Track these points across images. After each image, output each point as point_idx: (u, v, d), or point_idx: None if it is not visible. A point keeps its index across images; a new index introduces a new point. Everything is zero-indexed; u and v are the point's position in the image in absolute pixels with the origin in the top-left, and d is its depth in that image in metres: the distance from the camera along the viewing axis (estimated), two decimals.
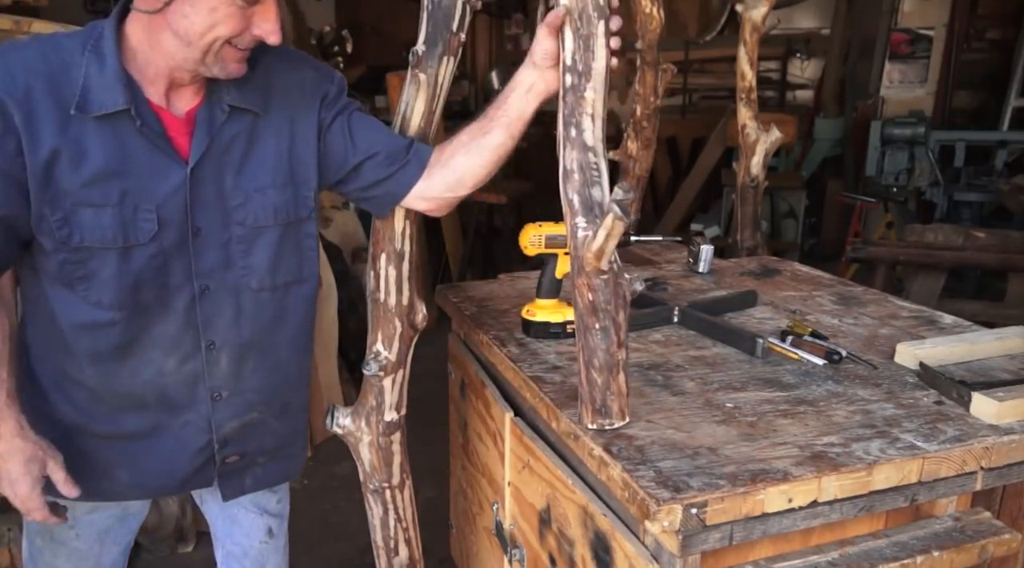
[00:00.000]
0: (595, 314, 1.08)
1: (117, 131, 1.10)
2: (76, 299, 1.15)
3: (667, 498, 0.93)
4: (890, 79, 5.78)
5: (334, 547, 2.47)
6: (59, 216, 1.09)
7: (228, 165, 1.19)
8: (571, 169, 1.12)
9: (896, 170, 5.30)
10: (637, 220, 2.82)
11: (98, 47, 1.09)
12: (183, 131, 1.16)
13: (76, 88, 1.07)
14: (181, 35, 1.06)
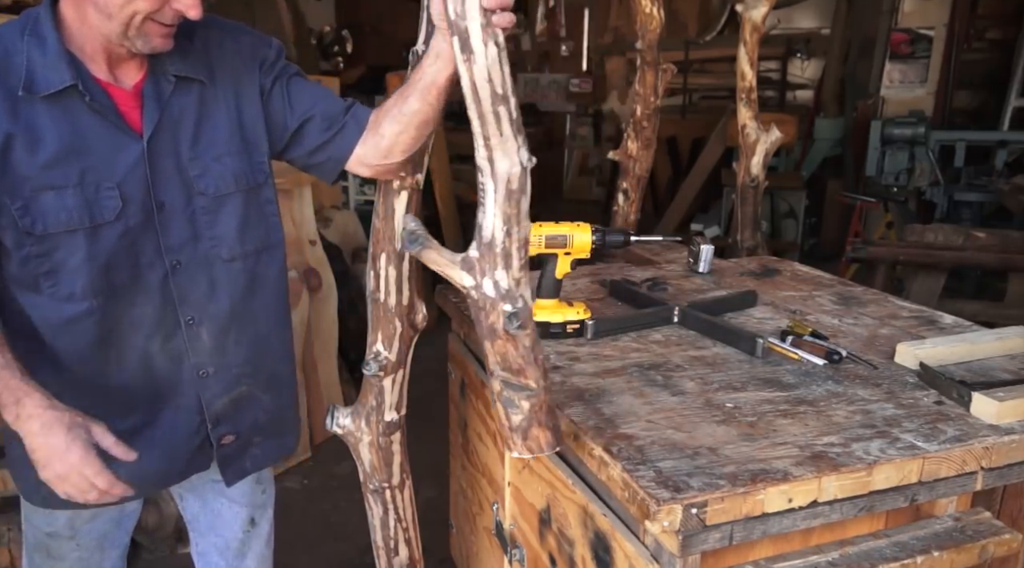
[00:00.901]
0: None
1: (68, 110, 1.10)
2: (44, 300, 1.14)
3: (667, 498, 0.93)
4: (890, 79, 5.78)
5: (334, 547, 2.47)
6: (19, 204, 1.08)
7: (182, 136, 1.19)
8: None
9: (896, 170, 5.31)
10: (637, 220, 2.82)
11: (36, 30, 1.09)
12: (133, 105, 1.16)
13: (21, 71, 1.07)
14: (101, 8, 1.06)
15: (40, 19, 1.10)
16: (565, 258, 1.45)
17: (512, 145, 0.96)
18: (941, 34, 5.62)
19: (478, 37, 0.93)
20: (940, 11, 5.60)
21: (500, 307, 0.99)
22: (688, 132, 6.79)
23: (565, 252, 1.44)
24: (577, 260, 1.47)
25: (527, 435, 1.06)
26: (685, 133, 6.81)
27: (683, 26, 7.43)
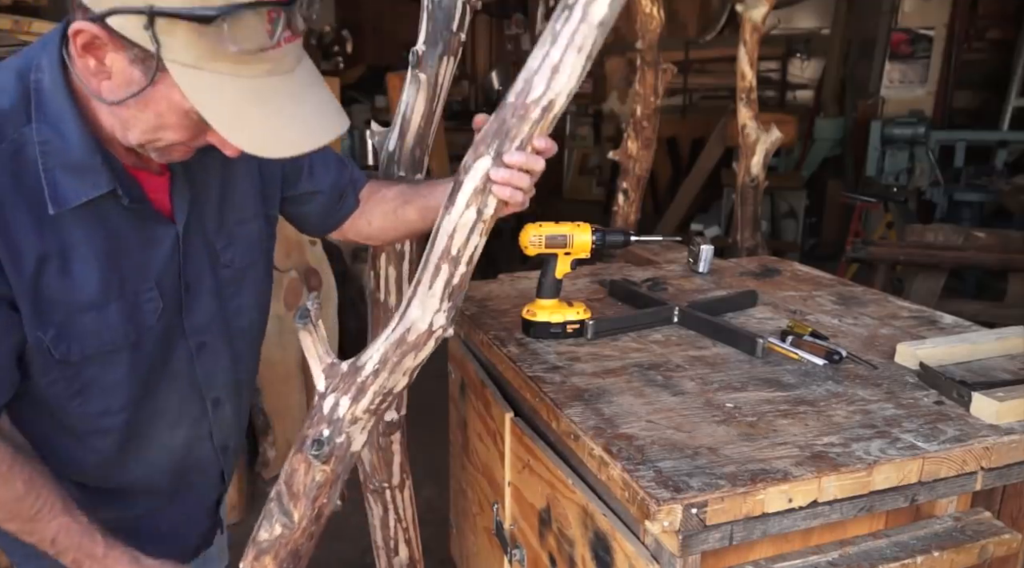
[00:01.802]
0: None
1: (101, 214, 0.90)
2: (70, 416, 1.00)
3: (667, 498, 0.93)
4: (890, 79, 5.79)
5: (334, 547, 2.47)
6: (52, 333, 0.91)
7: (208, 207, 1.03)
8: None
9: (896, 170, 5.32)
10: (637, 220, 2.82)
11: (47, 114, 0.84)
12: (160, 186, 0.98)
13: (38, 176, 0.84)
14: (120, 118, 0.86)
15: (50, 97, 0.84)
16: (565, 258, 1.45)
17: (432, 304, 0.92)
18: (941, 34, 5.62)
19: (466, 195, 0.90)
20: (940, 11, 5.61)
21: (319, 427, 0.94)
22: (688, 132, 6.79)
23: (565, 252, 1.44)
24: (577, 260, 1.47)
25: (258, 558, 0.99)
26: (685, 133, 6.82)
27: (683, 26, 7.42)
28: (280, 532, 0.98)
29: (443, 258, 0.91)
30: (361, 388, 0.94)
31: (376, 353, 0.94)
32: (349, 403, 0.94)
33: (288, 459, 0.98)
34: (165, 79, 0.78)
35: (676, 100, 7.08)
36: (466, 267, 0.92)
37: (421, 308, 0.93)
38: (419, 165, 1.49)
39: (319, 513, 0.99)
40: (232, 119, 0.80)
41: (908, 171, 5.31)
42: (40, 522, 0.94)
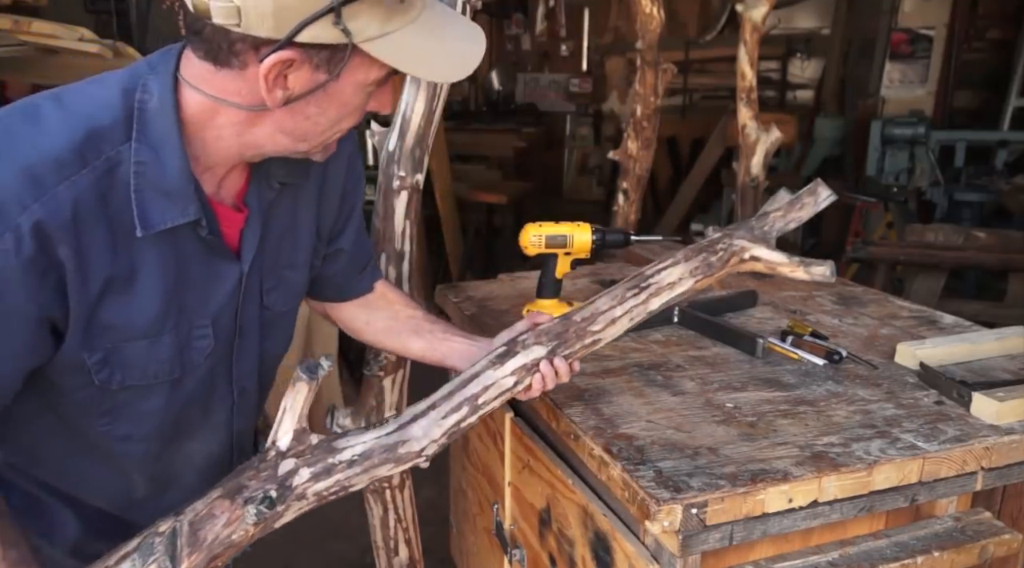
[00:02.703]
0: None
1: (175, 242, 0.88)
2: (92, 434, 0.95)
3: (667, 498, 0.93)
4: (890, 79, 5.79)
5: (334, 547, 2.47)
6: (98, 357, 0.87)
7: (270, 247, 1.01)
8: None
9: (896, 170, 5.31)
10: (637, 220, 2.82)
11: (149, 137, 0.83)
12: (234, 222, 0.96)
13: (126, 195, 0.82)
14: (294, 133, 0.87)
15: (155, 120, 0.83)
16: (565, 258, 1.45)
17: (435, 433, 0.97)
18: (941, 34, 5.62)
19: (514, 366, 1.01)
20: (940, 11, 5.61)
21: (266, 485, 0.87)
22: (688, 132, 6.79)
23: (565, 252, 1.44)
24: (577, 260, 1.48)
25: None
26: (685, 133, 6.81)
27: (683, 26, 7.43)
28: None
29: (469, 402, 0.98)
30: (328, 469, 0.90)
31: (361, 445, 0.92)
32: (308, 477, 0.89)
33: (207, 501, 0.85)
34: (350, 65, 0.82)
35: (676, 100, 7.08)
36: (476, 419, 1.00)
37: (424, 431, 0.96)
38: (419, 165, 1.49)
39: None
40: (420, 64, 0.86)
41: (908, 171, 5.31)
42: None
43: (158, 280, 0.87)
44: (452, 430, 0.97)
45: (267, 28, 0.76)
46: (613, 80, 8.09)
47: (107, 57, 2.09)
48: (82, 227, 0.80)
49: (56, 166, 0.78)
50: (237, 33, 0.77)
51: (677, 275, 1.10)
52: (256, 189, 0.97)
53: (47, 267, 0.78)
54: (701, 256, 1.12)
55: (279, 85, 0.82)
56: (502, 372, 1.00)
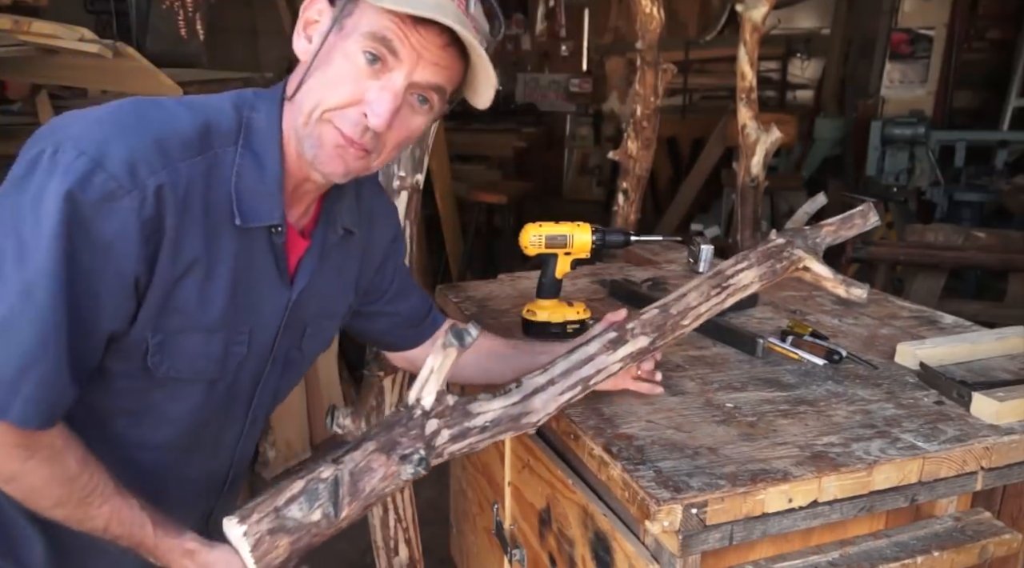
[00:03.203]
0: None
1: (251, 242, 0.94)
2: (107, 435, 0.95)
3: (667, 498, 0.93)
4: (890, 79, 5.78)
5: (334, 547, 2.47)
6: (158, 340, 0.90)
7: (320, 288, 1.06)
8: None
9: (896, 170, 5.31)
10: (637, 220, 2.82)
11: (253, 145, 0.92)
12: (297, 248, 1.01)
13: (225, 191, 0.90)
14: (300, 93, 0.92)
15: (263, 134, 0.93)
16: (565, 258, 1.45)
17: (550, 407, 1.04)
18: (941, 34, 5.62)
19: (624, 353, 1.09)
20: (940, 11, 5.60)
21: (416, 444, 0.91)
22: (688, 132, 6.79)
23: (565, 252, 1.44)
24: (577, 260, 1.47)
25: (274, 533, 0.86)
26: (685, 133, 6.81)
27: (683, 26, 7.43)
28: (316, 520, 0.87)
29: (583, 382, 1.05)
30: (464, 433, 0.96)
31: (492, 413, 0.98)
32: (448, 438, 0.94)
33: (365, 453, 0.89)
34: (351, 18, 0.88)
35: (676, 100, 7.08)
36: (581, 397, 1.06)
37: (543, 404, 1.03)
38: (419, 165, 1.49)
39: (352, 523, 0.90)
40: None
41: (908, 171, 5.31)
42: (91, 507, 0.88)
43: (230, 277, 0.92)
44: (563, 405, 1.04)
45: None
46: (613, 80, 8.09)
47: (107, 57, 2.09)
48: (188, 205, 0.86)
49: (181, 144, 0.86)
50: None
51: (750, 279, 1.18)
52: (323, 227, 1.04)
53: (153, 232, 0.83)
54: (769, 262, 1.19)
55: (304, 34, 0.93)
56: (613, 358, 1.07)
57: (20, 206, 0.79)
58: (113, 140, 0.81)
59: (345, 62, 0.88)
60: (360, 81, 0.89)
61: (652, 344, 1.10)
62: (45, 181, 0.79)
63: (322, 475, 0.88)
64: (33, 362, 0.79)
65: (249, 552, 0.84)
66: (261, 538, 0.84)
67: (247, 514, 0.86)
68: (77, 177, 0.78)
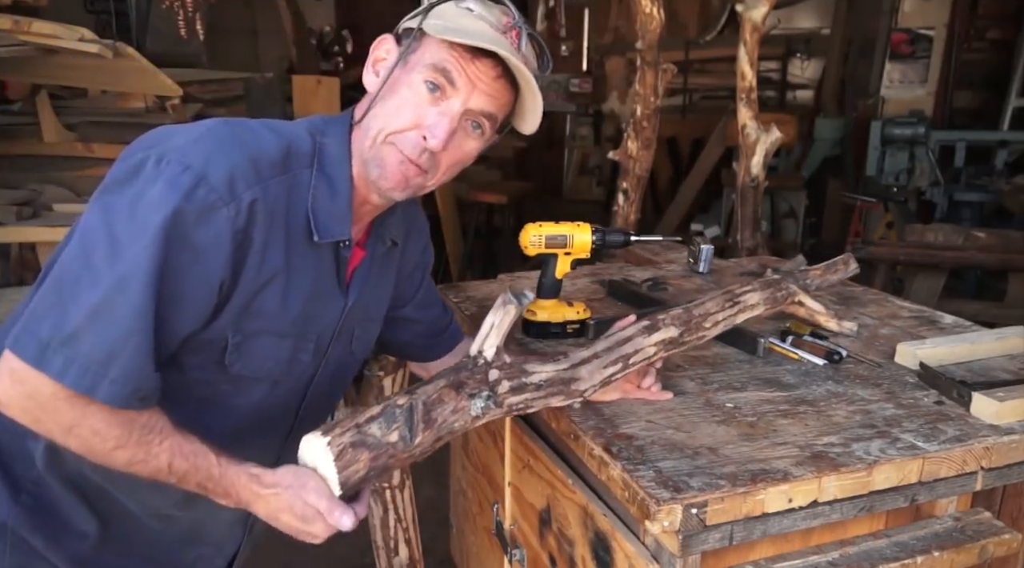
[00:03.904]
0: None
1: (322, 257, 1.03)
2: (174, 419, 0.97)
3: (667, 498, 0.93)
4: (890, 79, 5.78)
5: (334, 547, 2.46)
6: (238, 340, 0.98)
7: (371, 295, 1.15)
8: None
9: (896, 170, 5.31)
10: (637, 220, 2.82)
11: (327, 168, 1.01)
12: (352, 259, 1.10)
13: (303, 210, 0.98)
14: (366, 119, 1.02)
15: (334, 158, 1.02)
16: (565, 258, 1.45)
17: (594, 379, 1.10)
18: (941, 34, 5.62)
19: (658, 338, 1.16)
20: (940, 11, 5.60)
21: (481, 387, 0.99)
22: (688, 132, 6.78)
23: (565, 252, 1.44)
24: (577, 260, 1.47)
25: (356, 447, 0.90)
26: (685, 133, 6.81)
27: (683, 26, 7.42)
28: (393, 441, 0.92)
29: (623, 359, 1.12)
30: (521, 387, 1.02)
31: (544, 374, 1.05)
32: (508, 389, 1.01)
33: (436, 387, 0.96)
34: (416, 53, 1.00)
35: (676, 100, 7.08)
36: (621, 375, 1.13)
37: (589, 374, 1.08)
38: None
39: (424, 454, 0.96)
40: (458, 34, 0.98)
41: (908, 171, 5.30)
42: (152, 444, 0.91)
43: (305, 287, 1.01)
44: (606, 379, 1.10)
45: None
46: (613, 80, 8.09)
47: (107, 57, 2.09)
48: (274, 219, 0.94)
49: (270, 164, 0.94)
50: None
51: (756, 299, 1.32)
52: (375, 239, 1.13)
53: (243, 241, 0.91)
54: (770, 290, 1.36)
55: (372, 68, 1.05)
56: (649, 341, 1.14)
57: (115, 207, 0.86)
58: (215, 156, 0.89)
59: (409, 91, 0.99)
60: (421, 107, 0.99)
61: (681, 335, 1.17)
62: (146, 187, 0.86)
63: (398, 402, 0.93)
64: (122, 349, 0.85)
65: (333, 461, 0.89)
66: (344, 449, 0.89)
67: (329, 429, 0.90)
68: (184, 189, 0.86)
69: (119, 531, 1.06)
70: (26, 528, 0.99)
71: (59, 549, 1.02)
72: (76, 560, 1.03)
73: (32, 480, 1.01)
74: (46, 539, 1.00)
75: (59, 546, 1.02)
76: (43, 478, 1.00)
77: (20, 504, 1.00)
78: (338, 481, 0.90)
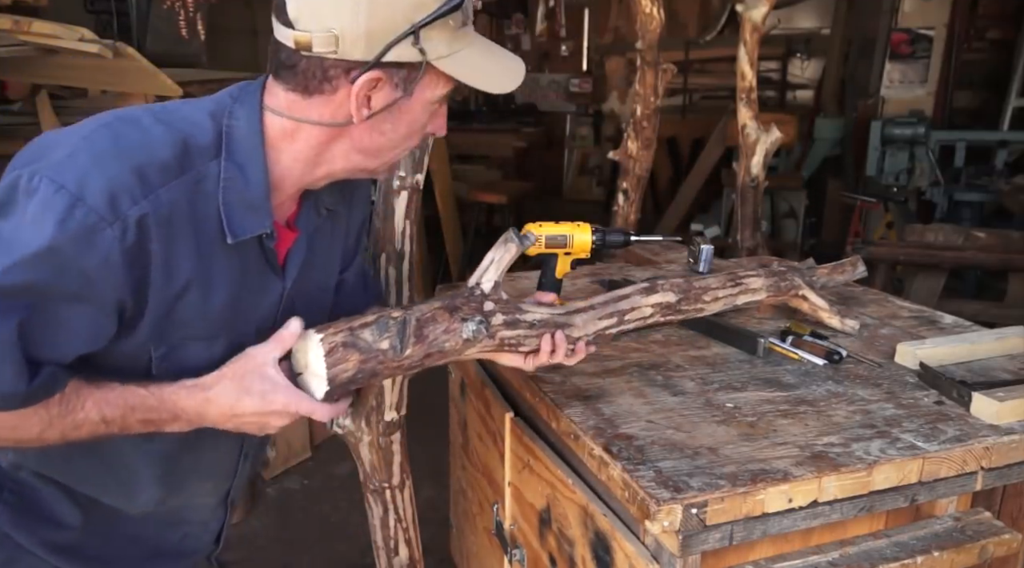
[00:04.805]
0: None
1: (242, 252, 0.95)
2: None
3: (667, 498, 0.93)
4: (890, 79, 5.78)
5: (334, 547, 2.47)
6: (163, 352, 0.93)
7: (313, 269, 1.09)
8: None
9: (896, 170, 5.30)
10: (637, 220, 2.82)
11: (233, 154, 0.91)
12: (285, 239, 1.03)
13: (213, 206, 0.90)
14: (367, 150, 0.97)
15: (245, 144, 0.92)
16: (565, 258, 1.45)
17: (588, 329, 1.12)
18: (941, 34, 5.61)
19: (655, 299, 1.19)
20: (940, 11, 5.60)
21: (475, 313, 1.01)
22: (688, 132, 6.78)
23: (565, 252, 1.44)
24: (577, 260, 1.47)
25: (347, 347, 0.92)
26: (685, 133, 6.81)
27: (683, 26, 7.42)
28: (384, 349, 0.93)
29: (618, 314, 1.15)
30: (515, 323, 1.05)
31: (539, 314, 1.07)
32: (502, 322, 1.03)
33: (431, 307, 0.98)
34: (422, 82, 0.93)
35: (676, 100, 7.08)
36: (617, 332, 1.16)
37: (583, 323, 1.11)
38: (419, 165, 1.49)
39: (412, 368, 0.98)
40: (481, 78, 0.96)
41: (908, 171, 5.30)
42: (76, 412, 0.89)
43: (228, 285, 0.95)
44: (600, 331, 1.14)
45: (360, 51, 0.88)
46: (613, 80, 8.09)
47: (107, 57, 2.09)
48: (175, 228, 0.87)
49: (161, 169, 0.85)
50: (331, 60, 0.89)
51: (759, 284, 1.34)
52: (307, 213, 1.05)
53: (137, 258, 0.84)
54: (775, 279, 1.38)
55: (363, 103, 0.92)
56: (647, 301, 1.18)
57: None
58: (91, 173, 0.81)
59: (423, 113, 0.97)
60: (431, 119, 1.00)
61: (678, 303, 1.21)
62: (19, 215, 0.79)
63: (392, 314, 0.96)
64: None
65: (323, 357, 0.90)
66: (335, 347, 0.90)
67: (323, 328, 0.93)
68: (59, 213, 0.78)
69: (102, 520, 1.06)
70: (9, 524, 1.00)
71: (43, 542, 1.02)
72: (61, 549, 1.03)
73: (13, 478, 1.01)
74: (29, 533, 1.01)
75: (43, 538, 1.02)
76: (19, 476, 1.00)
77: (2, 501, 1.00)
78: (326, 377, 0.90)
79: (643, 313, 1.18)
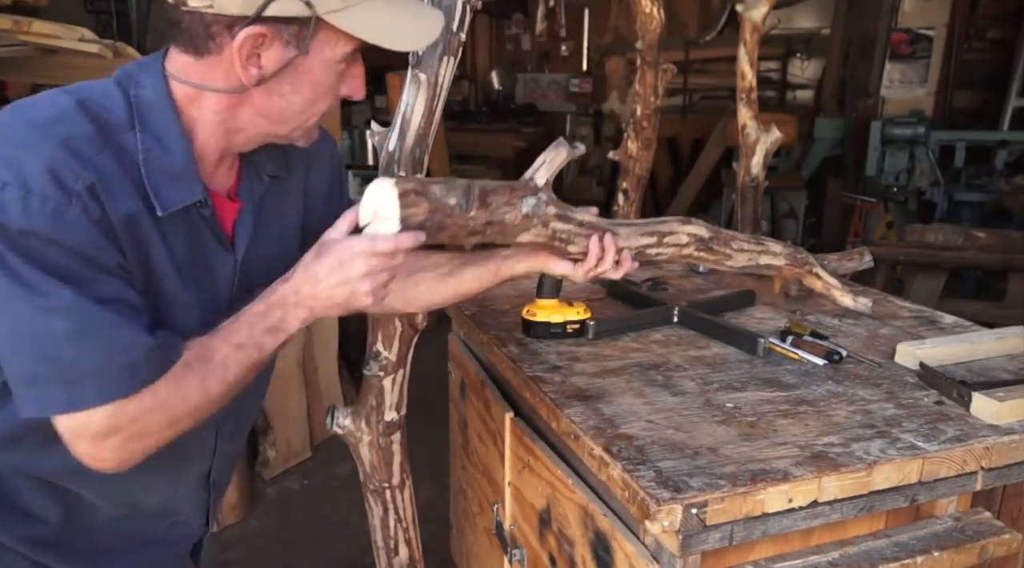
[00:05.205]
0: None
1: (187, 223, 0.93)
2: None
3: (667, 498, 0.93)
4: (890, 79, 5.78)
5: (334, 547, 2.47)
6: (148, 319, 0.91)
7: (268, 240, 1.05)
8: None
9: (896, 170, 5.31)
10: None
11: (151, 126, 0.89)
12: (228, 211, 1.00)
13: (139, 178, 0.87)
14: (271, 115, 0.93)
15: (152, 111, 0.89)
16: None
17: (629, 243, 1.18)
18: (941, 34, 5.61)
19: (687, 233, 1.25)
20: (940, 11, 5.60)
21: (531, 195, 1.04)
22: (688, 132, 6.78)
23: None
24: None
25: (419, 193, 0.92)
26: (685, 133, 6.81)
27: (683, 26, 7.42)
28: (451, 203, 0.95)
29: (659, 234, 1.21)
30: (565, 217, 1.08)
31: (588, 217, 1.12)
32: (553, 214, 1.07)
33: (495, 183, 1.01)
34: (317, 39, 0.88)
35: (676, 100, 7.08)
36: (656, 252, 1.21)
37: (627, 234, 1.16)
38: (419, 165, 1.49)
39: (475, 233, 1.00)
40: (382, 34, 0.91)
41: (908, 171, 5.30)
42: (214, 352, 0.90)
43: (168, 258, 0.91)
44: (640, 247, 1.18)
45: (237, 6, 0.83)
46: (613, 80, 8.08)
47: (107, 57, 2.09)
48: (119, 195, 0.85)
49: (87, 141, 0.83)
50: (211, 15, 0.84)
51: (779, 249, 1.41)
52: (248, 182, 1.02)
53: (107, 227, 0.83)
54: (792, 249, 1.44)
55: (253, 63, 0.88)
56: (684, 229, 1.23)
57: None
58: (23, 158, 0.79)
59: (326, 74, 0.93)
60: (339, 84, 0.96)
61: (709, 240, 1.26)
62: None
63: (458, 180, 0.98)
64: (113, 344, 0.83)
65: (397, 198, 0.90)
66: (408, 192, 0.91)
67: (394, 175, 0.96)
68: (16, 206, 0.78)
69: (83, 513, 1.04)
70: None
71: (23, 538, 1.00)
72: (42, 544, 1.01)
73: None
74: (7, 530, 0.99)
75: (22, 535, 1.00)
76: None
77: None
78: (399, 217, 0.90)
79: (680, 240, 1.22)
